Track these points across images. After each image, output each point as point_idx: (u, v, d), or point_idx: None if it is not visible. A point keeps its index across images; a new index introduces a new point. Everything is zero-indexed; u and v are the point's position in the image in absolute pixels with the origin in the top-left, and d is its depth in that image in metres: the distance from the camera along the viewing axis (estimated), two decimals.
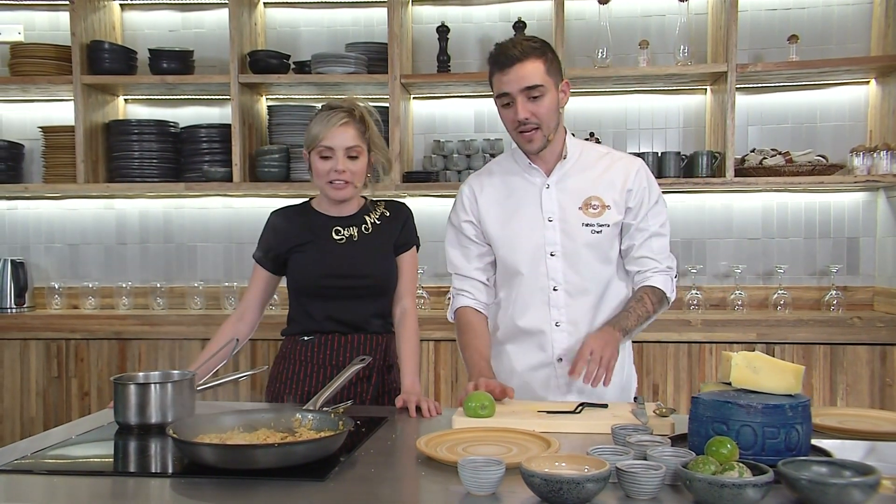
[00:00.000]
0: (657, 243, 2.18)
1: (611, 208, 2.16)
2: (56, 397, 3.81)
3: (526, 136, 2.09)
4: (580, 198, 2.16)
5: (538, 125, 2.07)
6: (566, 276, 2.16)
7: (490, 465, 1.39)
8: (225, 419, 1.70)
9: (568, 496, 1.29)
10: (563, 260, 2.16)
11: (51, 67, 3.94)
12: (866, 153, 3.61)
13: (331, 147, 2.15)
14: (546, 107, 2.06)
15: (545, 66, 2.06)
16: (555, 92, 2.08)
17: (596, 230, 2.14)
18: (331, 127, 2.15)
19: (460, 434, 1.73)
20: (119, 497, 1.47)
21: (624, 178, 2.17)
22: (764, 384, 1.54)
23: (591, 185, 2.17)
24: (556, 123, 2.12)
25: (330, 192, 2.21)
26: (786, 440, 1.45)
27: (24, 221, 4.29)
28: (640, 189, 2.17)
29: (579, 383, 2.04)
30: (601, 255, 2.17)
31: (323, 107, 2.22)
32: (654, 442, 1.55)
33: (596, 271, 2.17)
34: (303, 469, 1.50)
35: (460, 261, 2.28)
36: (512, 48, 2.05)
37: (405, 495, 1.48)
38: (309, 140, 2.19)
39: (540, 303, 2.18)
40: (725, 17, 3.64)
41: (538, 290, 2.17)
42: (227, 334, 2.24)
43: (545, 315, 2.17)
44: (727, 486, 1.25)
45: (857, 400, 3.47)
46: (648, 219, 2.18)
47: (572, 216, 2.15)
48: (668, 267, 2.19)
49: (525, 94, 2.04)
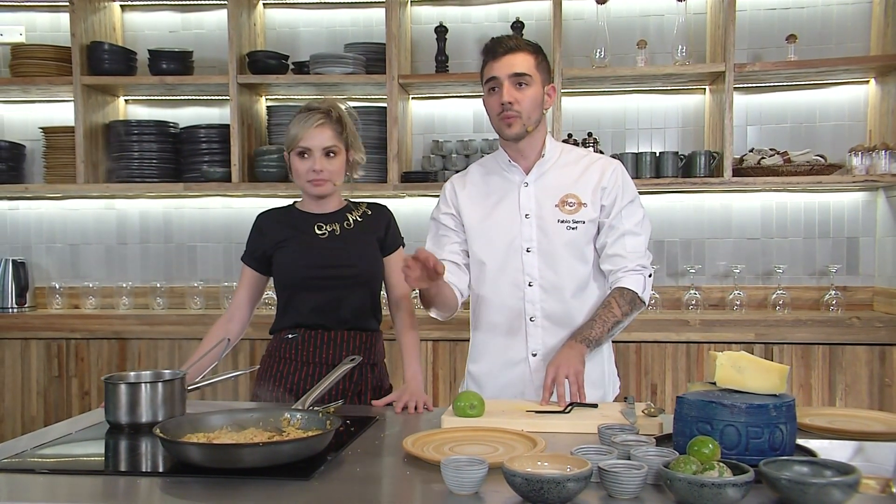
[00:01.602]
0: (631, 242, 2.20)
1: (587, 206, 2.20)
2: (57, 397, 3.83)
3: (507, 120, 2.14)
4: (557, 195, 2.21)
5: (519, 113, 2.13)
6: (542, 272, 2.20)
7: (473, 464, 1.40)
8: (213, 419, 1.71)
9: (549, 495, 1.29)
10: (538, 256, 2.19)
11: (51, 68, 3.96)
12: (865, 153, 3.60)
13: (308, 147, 2.22)
14: (530, 97, 2.13)
15: (535, 61, 2.15)
16: (540, 88, 2.16)
17: (571, 226, 2.19)
18: (308, 128, 2.21)
19: (448, 434, 1.74)
20: (105, 496, 1.48)
21: (599, 177, 2.21)
22: (749, 384, 1.54)
23: (569, 184, 2.22)
24: (538, 119, 2.18)
25: (310, 189, 2.26)
26: (770, 440, 1.45)
27: (26, 221, 4.32)
28: (614, 187, 2.20)
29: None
30: (576, 252, 2.20)
31: (301, 109, 2.27)
32: (639, 442, 1.55)
33: (572, 268, 2.20)
34: (289, 468, 1.51)
35: (435, 249, 2.29)
36: (507, 40, 2.16)
37: (389, 494, 1.48)
38: (288, 141, 2.25)
39: (515, 298, 2.21)
40: (724, 16, 3.63)
41: (513, 286, 2.21)
42: (218, 335, 2.27)
43: (520, 310, 2.21)
44: (707, 485, 1.25)
45: (855, 400, 3.46)
46: (622, 217, 2.20)
47: (548, 213, 2.20)
48: (640, 265, 2.19)
49: (512, 81, 2.11)
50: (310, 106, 2.26)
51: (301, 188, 2.30)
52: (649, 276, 2.21)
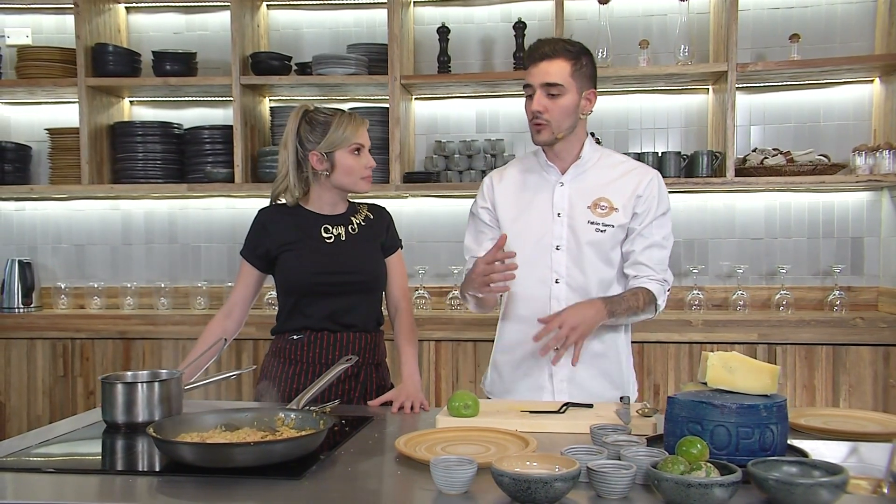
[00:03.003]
0: (657, 254, 2.23)
1: (618, 211, 2.23)
2: (62, 396, 3.86)
3: (536, 127, 2.20)
4: (590, 197, 2.25)
5: (548, 122, 2.17)
6: (569, 270, 2.23)
7: (462, 464, 1.40)
8: (207, 418, 1.72)
9: (537, 495, 1.30)
10: (567, 254, 2.23)
11: (56, 70, 3.99)
12: (868, 152, 3.58)
13: (363, 144, 2.28)
14: (561, 106, 2.16)
15: (572, 68, 2.16)
16: (576, 96, 2.18)
17: (600, 229, 2.22)
18: (359, 127, 2.27)
19: (441, 434, 1.74)
20: (99, 495, 1.49)
21: (636, 185, 2.24)
22: (739, 384, 1.54)
23: (603, 187, 2.25)
24: (571, 125, 2.21)
25: (362, 185, 2.30)
26: (760, 440, 1.45)
27: (32, 222, 4.35)
28: (649, 197, 2.23)
29: (575, 377, 2.19)
30: (603, 254, 2.23)
31: (337, 111, 2.30)
32: (630, 442, 1.55)
33: (597, 269, 2.23)
34: (281, 468, 1.52)
35: (472, 244, 2.37)
36: (545, 45, 2.18)
37: (379, 494, 1.49)
38: (334, 141, 2.24)
39: (542, 294, 2.24)
40: (726, 16, 3.62)
41: (541, 282, 2.24)
42: (215, 332, 2.28)
43: (545, 306, 2.23)
44: (693, 485, 1.25)
45: (859, 401, 3.44)
46: (652, 228, 2.23)
47: (580, 213, 2.24)
48: (663, 279, 2.24)
49: (544, 90, 2.16)
50: (340, 110, 2.32)
51: (347, 185, 2.29)
52: (667, 290, 2.26)
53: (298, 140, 2.27)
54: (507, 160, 3.88)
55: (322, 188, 2.31)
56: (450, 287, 3.96)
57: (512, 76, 3.81)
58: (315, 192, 2.32)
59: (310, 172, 2.29)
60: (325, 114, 2.28)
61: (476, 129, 4.12)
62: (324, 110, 2.30)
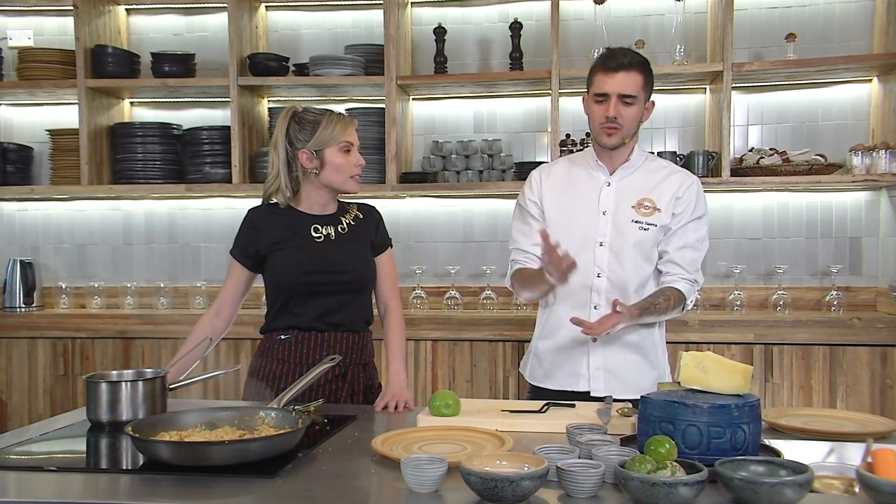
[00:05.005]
0: (689, 255, 2.34)
1: (661, 212, 2.35)
2: (63, 395, 3.89)
3: (608, 131, 2.32)
4: (635, 197, 2.37)
5: (622, 126, 2.30)
6: (610, 266, 2.34)
7: (433, 463, 1.41)
8: (187, 417, 1.74)
9: (504, 494, 1.31)
10: (609, 251, 2.34)
11: (57, 71, 4.02)
12: (865, 152, 3.56)
13: (352, 143, 2.30)
14: (632, 114, 2.31)
15: (643, 81, 2.31)
16: (642, 105, 2.34)
17: (643, 227, 2.34)
18: (348, 125, 2.30)
19: (419, 433, 1.75)
20: (78, 493, 1.50)
21: (677, 187, 2.37)
22: (713, 384, 1.55)
23: (648, 189, 2.38)
24: (635, 131, 2.37)
25: (351, 185, 2.32)
26: (731, 440, 1.45)
27: (34, 223, 4.38)
28: (688, 199, 2.36)
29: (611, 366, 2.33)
30: (643, 252, 2.35)
31: (326, 111, 2.31)
32: (604, 441, 1.56)
33: (637, 265, 2.35)
34: (257, 466, 1.53)
35: (521, 238, 2.47)
36: (623, 56, 2.30)
37: (351, 492, 1.50)
38: (322, 139, 2.26)
39: (583, 287, 2.34)
40: (722, 16, 3.61)
41: (583, 275, 2.30)
42: (204, 331, 2.29)
43: (586, 298, 2.35)
44: (658, 484, 1.26)
45: (856, 402, 3.43)
46: (687, 229, 2.35)
47: (624, 212, 2.36)
48: (693, 279, 2.35)
49: (620, 99, 2.29)
50: (328, 110, 2.33)
51: (337, 184, 2.30)
52: (696, 290, 2.37)
53: (288, 140, 2.28)
54: (504, 160, 3.89)
55: (312, 187, 2.32)
56: (447, 287, 3.97)
57: (509, 76, 3.82)
58: (305, 191, 2.33)
59: (300, 172, 2.30)
60: (313, 113, 2.30)
61: (473, 129, 4.12)
62: (312, 110, 2.31)
